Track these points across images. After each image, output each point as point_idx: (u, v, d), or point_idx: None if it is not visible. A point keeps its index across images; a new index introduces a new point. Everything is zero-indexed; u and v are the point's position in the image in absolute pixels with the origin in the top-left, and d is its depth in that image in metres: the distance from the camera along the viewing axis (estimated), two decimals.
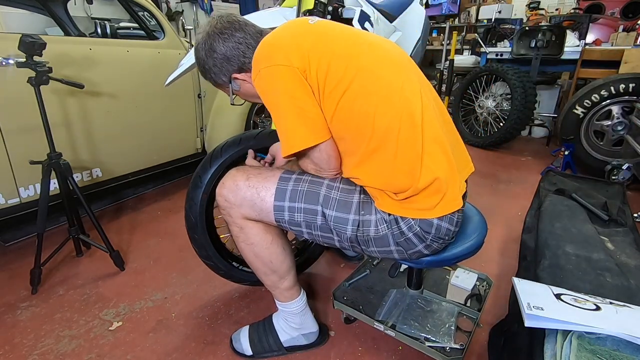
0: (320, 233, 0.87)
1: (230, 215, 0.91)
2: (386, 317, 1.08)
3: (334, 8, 1.24)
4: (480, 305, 1.13)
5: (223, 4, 5.09)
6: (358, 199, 0.84)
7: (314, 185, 0.86)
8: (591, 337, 0.74)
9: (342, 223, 0.84)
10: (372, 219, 0.83)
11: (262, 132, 1.22)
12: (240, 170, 0.92)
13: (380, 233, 0.83)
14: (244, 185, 0.88)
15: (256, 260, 0.96)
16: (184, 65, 1.12)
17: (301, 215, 0.86)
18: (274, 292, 1.03)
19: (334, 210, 0.84)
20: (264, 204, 0.87)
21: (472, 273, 1.21)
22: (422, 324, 1.05)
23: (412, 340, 1.01)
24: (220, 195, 0.91)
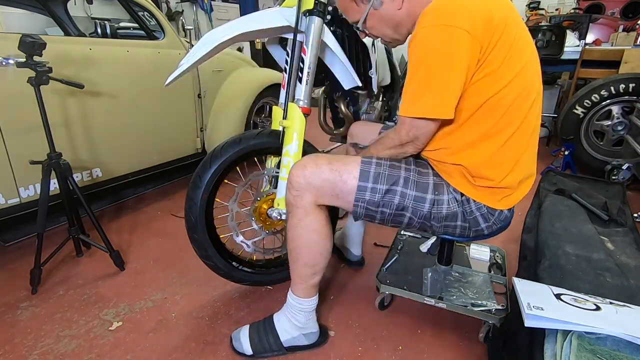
0: (394, 212, 0.91)
1: (302, 197, 0.91)
2: (433, 293, 1.17)
3: (334, 8, 1.24)
4: (503, 272, 1.31)
5: (223, 4, 5.09)
6: (432, 181, 0.91)
7: (393, 169, 0.90)
8: (591, 337, 0.74)
9: (420, 201, 0.90)
10: (445, 198, 0.90)
11: (262, 132, 1.22)
12: (319, 155, 0.95)
13: (451, 210, 0.90)
14: (327, 169, 0.90)
15: (306, 249, 0.96)
16: (184, 65, 1.12)
17: (381, 196, 0.89)
18: (298, 284, 1.02)
19: (414, 191, 0.90)
20: (345, 186, 0.90)
21: (484, 246, 1.40)
22: (464, 294, 1.17)
23: (462, 307, 1.12)
24: (301, 177, 0.90)
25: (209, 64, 2.24)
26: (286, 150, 1.13)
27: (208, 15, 4.82)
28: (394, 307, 1.28)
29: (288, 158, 1.13)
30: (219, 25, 1.16)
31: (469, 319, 1.21)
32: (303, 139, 1.15)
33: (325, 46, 1.20)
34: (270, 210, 1.19)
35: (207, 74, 2.26)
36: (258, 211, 1.25)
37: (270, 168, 1.28)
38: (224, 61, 2.38)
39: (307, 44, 1.10)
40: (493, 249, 1.43)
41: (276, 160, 1.27)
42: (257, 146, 1.20)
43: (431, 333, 1.16)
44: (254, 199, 1.25)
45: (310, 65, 1.11)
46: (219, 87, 2.37)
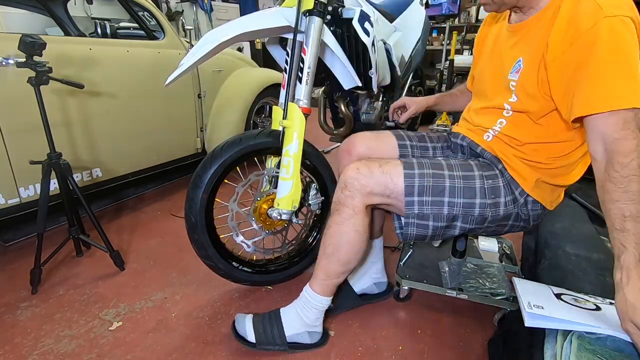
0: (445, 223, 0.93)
1: (354, 198, 0.93)
2: (453, 285, 1.20)
3: (333, 8, 1.24)
4: (514, 261, 1.36)
5: (223, 4, 5.09)
6: (482, 184, 0.92)
7: (437, 179, 0.91)
8: (591, 337, 0.74)
9: (470, 207, 0.91)
10: (502, 200, 0.92)
11: (262, 132, 1.22)
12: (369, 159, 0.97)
13: (507, 212, 0.93)
14: (378, 172, 0.92)
15: (345, 247, 0.97)
16: (185, 65, 1.12)
17: (428, 208, 0.91)
18: (321, 280, 1.02)
19: (462, 198, 0.91)
20: (396, 187, 0.92)
21: (491, 238, 1.44)
22: (482, 284, 1.21)
23: (482, 297, 1.16)
24: (354, 179, 0.92)
25: (209, 64, 2.24)
26: (286, 150, 1.13)
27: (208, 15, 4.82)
28: (394, 307, 1.28)
29: (288, 158, 1.13)
30: (219, 25, 1.16)
31: (469, 319, 1.22)
32: (303, 139, 1.15)
33: (325, 46, 1.21)
34: (270, 210, 1.19)
35: (207, 74, 2.26)
36: (258, 211, 1.25)
37: (271, 168, 1.28)
38: (224, 61, 2.38)
39: (307, 44, 1.10)
40: (499, 240, 1.47)
41: (276, 160, 1.27)
42: (257, 146, 1.20)
43: (431, 333, 1.16)
44: (254, 199, 1.25)
45: (310, 65, 1.11)
46: (219, 87, 2.37)
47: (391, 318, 1.23)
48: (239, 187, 1.22)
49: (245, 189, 1.23)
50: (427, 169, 0.93)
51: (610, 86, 0.69)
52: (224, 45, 1.12)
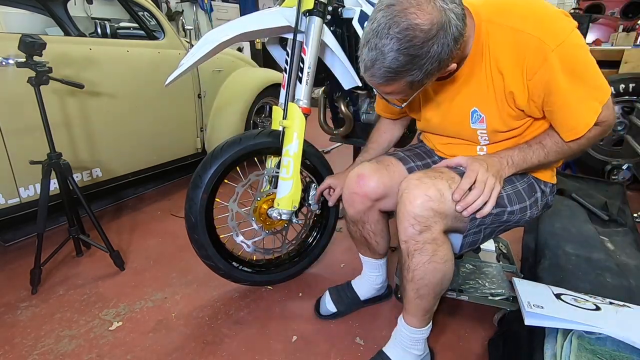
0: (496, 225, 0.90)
1: (431, 230, 0.79)
2: (453, 286, 1.18)
3: (333, 8, 1.24)
4: (511, 261, 1.35)
5: (223, 4, 5.09)
6: (522, 185, 0.90)
7: None
8: (591, 337, 0.74)
9: (523, 211, 0.90)
10: (538, 195, 0.93)
11: (262, 132, 1.22)
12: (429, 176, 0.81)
13: (543, 203, 0.95)
14: (449, 194, 0.78)
15: (440, 283, 0.86)
16: (185, 65, 1.12)
17: (490, 218, 0.85)
18: (421, 317, 0.93)
19: (517, 204, 0.88)
20: None
21: None
22: (482, 284, 1.20)
23: (482, 298, 1.15)
24: (425, 209, 0.77)
25: (209, 64, 2.24)
26: (286, 150, 1.13)
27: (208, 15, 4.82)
28: (394, 307, 1.28)
29: (288, 158, 1.13)
30: (219, 25, 1.16)
31: (469, 319, 1.22)
32: (303, 139, 1.15)
33: (325, 46, 1.21)
34: (270, 210, 1.19)
35: (207, 74, 2.26)
36: (258, 211, 1.25)
37: (271, 168, 1.28)
38: (224, 61, 2.38)
39: (307, 44, 1.10)
40: (496, 240, 1.45)
41: (276, 160, 1.27)
42: (257, 146, 1.20)
43: (430, 333, 1.16)
44: (254, 199, 1.25)
45: (310, 65, 1.11)
46: (219, 87, 2.37)
47: (391, 318, 1.23)
48: (239, 187, 1.22)
49: (245, 189, 1.23)
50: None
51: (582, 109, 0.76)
52: (224, 45, 1.12)
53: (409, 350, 0.97)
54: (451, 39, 0.65)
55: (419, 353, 0.98)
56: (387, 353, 0.99)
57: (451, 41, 0.65)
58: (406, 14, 0.62)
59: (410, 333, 0.95)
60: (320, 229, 1.43)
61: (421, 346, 0.98)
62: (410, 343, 0.97)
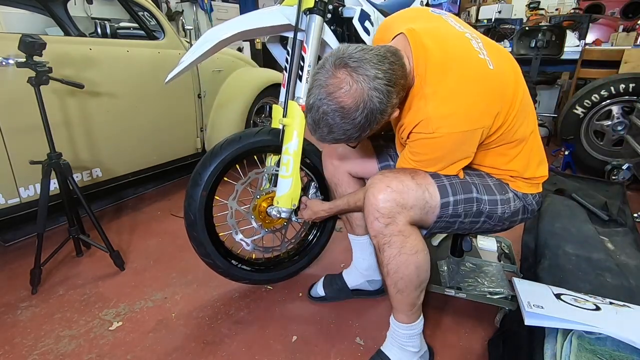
0: (470, 219, 0.90)
1: (397, 222, 0.82)
2: (452, 284, 1.20)
3: (334, 7, 1.24)
4: (512, 260, 1.36)
5: (223, 4, 5.09)
6: (492, 182, 0.91)
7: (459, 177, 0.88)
8: (591, 337, 0.74)
9: (493, 204, 0.89)
10: (510, 196, 0.91)
11: (262, 130, 1.22)
12: (392, 171, 0.87)
13: (517, 206, 0.92)
14: (412, 185, 0.83)
15: (416, 274, 0.87)
16: (184, 62, 1.12)
17: (462, 207, 0.87)
18: (407, 312, 0.94)
19: (486, 195, 0.89)
20: (433, 200, 0.84)
21: (490, 237, 1.44)
22: (481, 283, 1.21)
23: (481, 296, 1.16)
24: (389, 200, 0.81)
25: (209, 64, 2.24)
26: (286, 148, 1.13)
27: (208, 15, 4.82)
28: None
29: (288, 156, 1.13)
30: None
31: (469, 318, 1.21)
32: (303, 137, 1.15)
33: (325, 45, 1.20)
34: (269, 208, 1.19)
35: (207, 74, 2.26)
36: (257, 209, 1.25)
37: (270, 166, 1.28)
38: (224, 61, 2.38)
39: (307, 43, 1.10)
40: (498, 239, 1.46)
41: (276, 158, 1.27)
42: (257, 144, 1.20)
43: (431, 333, 1.16)
44: (254, 197, 1.25)
45: (311, 63, 1.11)
46: (219, 87, 2.37)
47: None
48: (238, 185, 1.22)
49: (244, 187, 1.23)
50: None
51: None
52: (224, 43, 1.12)
53: (405, 347, 0.98)
54: (377, 110, 0.74)
55: (415, 350, 0.99)
56: (385, 352, 1.01)
57: (377, 111, 0.74)
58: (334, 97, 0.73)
59: (402, 330, 0.97)
60: (320, 227, 1.43)
61: (417, 342, 0.99)
62: (404, 340, 0.98)
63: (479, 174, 0.91)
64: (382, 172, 0.87)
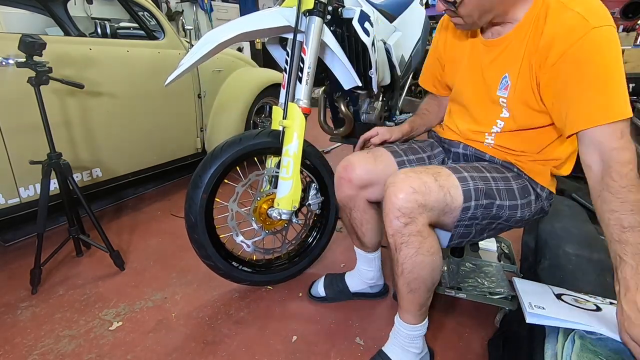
0: (487, 221, 0.89)
1: (415, 223, 0.81)
2: (452, 284, 1.19)
3: (333, 8, 1.24)
4: (512, 261, 1.36)
5: (223, 4, 5.09)
6: (516, 186, 0.90)
7: (486, 182, 0.87)
8: (592, 337, 0.74)
9: (514, 209, 0.89)
10: (532, 198, 0.91)
11: (262, 131, 1.22)
12: (415, 171, 0.84)
13: (537, 207, 0.92)
14: (434, 186, 0.81)
15: (430, 275, 0.87)
16: (184, 64, 1.12)
17: (480, 210, 0.86)
18: (415, 312, 0.93)
19: (507, 200, 0.88)
20: (454, 203, 0.83)
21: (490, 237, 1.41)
22: (481, 283, 1.21)
23: (481, 296, 1.16)
24: (411, 200, 0.79)
25: (209, 64, 2.24)
26: (286, 150, 1.13)
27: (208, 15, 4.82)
28: (393, 307, 1.28)
29: (288, 158, 1.13)
30: (219, 25, 1.16)
31: (469, 318, 1.22)
32: (303, 139, 1.15)
33: (325, 46, 1.20)
34: (270, 210, 1.19)
35: (207, 74, 2.26)
36: (258, 211, 1.25)
37: (270, 168, 1.28)
38: (224, 61, 2.38)
39: (307, 44, 1.10)
40: (498, 239, 1.45)
41: (276, 160, 1.27)
42: (257, 146, 1.20)
43: (431, 333, 1.16)
44: (254, 198, 1.25)
45: (310, 65, 1.11)
46: (219, 87, 2.37)
47: (391, 318, 1.22)
48: (238, 187, 1.22)
49: (245, 189, 1.23)
50: (473, 172, 0.88)
51: (606, 98, 0.70)
52: (224, 45, 1.12)
53: (407, 348, 0.97)
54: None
55: (417, 351, 0.98)
56: (386, 352, 1.00)
57: None
58: None
59: (407, 330, 0.96)
60: (320, 228, 1.43)
61: (419, 344, 0.98)
62: (407, 341, 0.97)
63: (505, 177, 0.90)
64: (404, 171, 0.85)
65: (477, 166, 0.92)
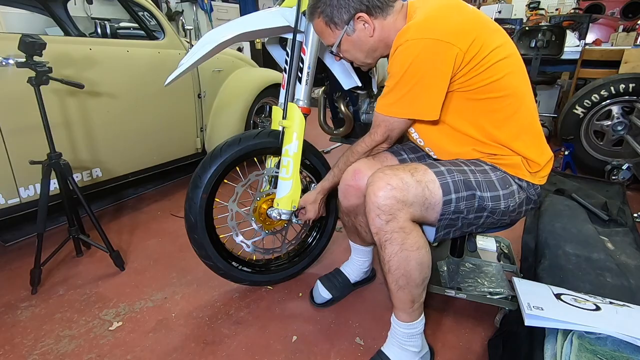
0: (474, 215, 0.90)
1: (397, 218, 0.83)
2: (452, 284, 1.19)
3: None
4: (512, 260, 1.36)
5: (223, 4, 5.09)
6: (496, 177, 0.91)
7: (464, 175, 0.88)
8: (591, 337, 0.74)
9: (496, 200, 0.89)
10: (514, 188, 0.91)
11: (262, 132, 1.22)
12: (392, 168, 0.87)
13: (520, 198, 0.92)
14: (412, 182, 0.83)
15: (418, 271, 0.88)
16: (184, 65, 1.12)
17: (464, 203, 0.87)
18: (408, 310, 0.94)
19: (488, 192, 0.89)
20: (433, 197, 0.85)
21: (489, 237, 1.45)
22: (481, 283, 1.21)
23: (481, 296, 1.15)
24: (389, 197, 0.82)
25: (209, 64, 2.24)
26: (286, 150, 1.13)
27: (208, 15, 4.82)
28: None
29: (288, 158, 1.13)
30: (219, 25, 1.16)
31: (469, 318, 1.22)
32: (303, 139, 1.15)
33: (324, 46, 1.20)
34: (270, 210, 1.19)
35: (207, 74, 2.26)
36: (258, 211, 1.25)
37: (270, 168, 1.28)
38: (224, 61, 2.38)
39: (306, 44, 1.10)
40: (497, 239, 1.46)
41: (276, 160, 1.27)
42: (256, 146, 1.20)
43: (431, 333, 1.16)
44: (254, 199, 1.25)
45: (310, 65, 1.11)
46: (219, 87, 2.37)
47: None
48: (238, 187, 1.22)
49: (244, 189, 1.23)
50: (450, 166, 0.89)
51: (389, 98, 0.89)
52: (224, 45, 1.12)
53: (405, 347, 0.98)
54: None
55: (416, 350, 0.98)
56: (385, 352, 1.00)
57: None
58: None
59: (403, 328, 0.97)
60: (320, 229, 1.43)
61: (418, 342, 0.98)
62: (405, 339, 0.97)
63: (483, 170, 0.91)
64: (382, 170, 0.87)
65: (454, 161, 0.93)
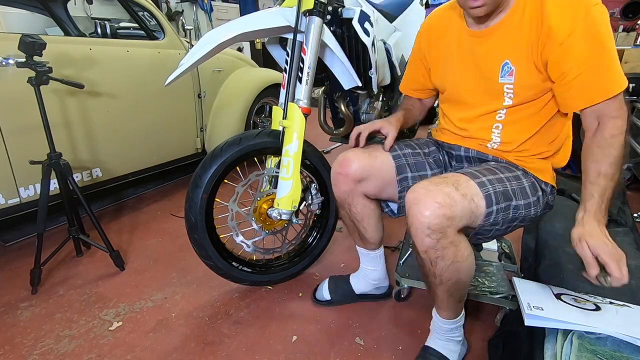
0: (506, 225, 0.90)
1: (447, 235, 0.79)
2: None
3: (333, 8, 1.24)
4: (513, 260, 1.36)
5: (223, 4, 5.09)
6: (526, 184, 0.91)
7: (502, 184, 0.87)
8: (591, 337, 0.74)
9: (528, 207, 0.89)
10: (540, 194, 0.92)
11: (262, 132, 1.22)
12: (434, 182, 0.82)
13: (543, 204, 0.94)
14: (457, 196, 0.79)
15: (468, 275, 0.88)
16: (184, 65, 1.12)
17: (501, 215, 0.86)
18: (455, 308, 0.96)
19: (522, 200, 0.88)
20: (478, 210, 0.82)
21: None
22: (481, 282, 1.21)
23: (482, 295, 1.16)
24: (437, 217, 0.77)
25: (209, 64, 2.24)
26: (286, 150, 1.13)
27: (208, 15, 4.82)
28: (394, 307, 1.28)
29: (288, 158, 1.13)
30: (219, 25, 1.16)
31: (469, 318, 1.21)
32: (303, 139, 1.15)
33: (325, 46, 1.20)
34: (270, 210, 1.19)
35: (207, 74, 2.26)
36: (258, 211, 1.25)
37: (270, 168, 1.28)
38: (224, 61, 2.38)
39: (307, 44, 1.10)
40: (498, 239, 1.45)
41: (276, 160, 1.27)
42: (257, 146, 1.20)
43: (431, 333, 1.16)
44: (254, 199, 1.25)
45: (310, 65, 1.11)
46: (219, 87, 2.37)
47: (391, 318, 1.23)
48: (238, 187, 1.22)
49: (245, 189, 1.23)
50: (489, 175, 0.87)
51: (609, 74, 0.77)
52: (224, 45, 1.12)
53: (452, 338, 1.01)
54: None
55: (460, 339, 1.03)
56: (432, 347, 1.02)
57: None
58: None
59: (448, 324, 0.99)
60: (320, 228, 1.43)
61: (461, 331, 1.02)
62: (450, 333, 1.01)
63: (516, 177, 0.90)
64: (423, 185, 0.82)
65: (489, 168, 0.91)
